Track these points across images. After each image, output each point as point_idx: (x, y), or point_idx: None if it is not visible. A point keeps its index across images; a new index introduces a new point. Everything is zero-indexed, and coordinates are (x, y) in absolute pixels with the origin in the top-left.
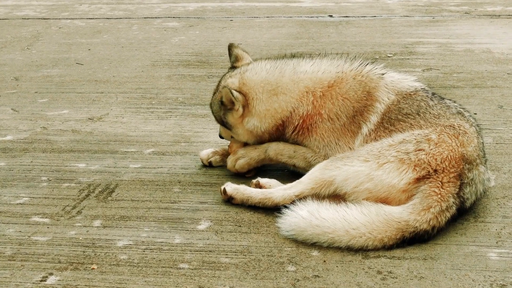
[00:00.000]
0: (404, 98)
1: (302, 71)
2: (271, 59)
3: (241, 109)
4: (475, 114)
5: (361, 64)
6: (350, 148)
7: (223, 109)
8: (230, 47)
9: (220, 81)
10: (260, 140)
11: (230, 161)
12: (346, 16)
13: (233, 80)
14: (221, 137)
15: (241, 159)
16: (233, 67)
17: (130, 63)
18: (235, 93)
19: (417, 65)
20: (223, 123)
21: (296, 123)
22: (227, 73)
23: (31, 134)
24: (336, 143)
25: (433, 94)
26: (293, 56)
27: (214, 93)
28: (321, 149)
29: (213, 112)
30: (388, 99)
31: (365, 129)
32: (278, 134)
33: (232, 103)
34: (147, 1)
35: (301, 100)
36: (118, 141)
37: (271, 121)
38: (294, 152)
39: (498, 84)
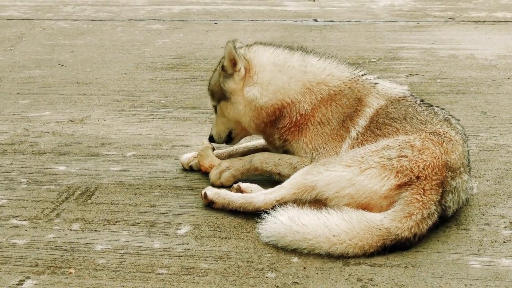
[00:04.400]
0: (393, 103)
1: (309, 61)
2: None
3: (243, 70)
4: (459, 120)
5: (358, 73)
6: (336, 153)
7: (223, 75)
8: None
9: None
10: (254, 126)
11: (213, 175)
12: (331, 21)
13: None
14: (212, 140)
15: (226, 171)
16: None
17: (113, 65)
18: (239, 51)
19: (401, 71)
20: (222, 93)
21: (294, 118)
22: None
23: (11, 135)
24: (323, 147)
25: (422, 101)
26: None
27: (210, 81)
28: (308, 153)
29: (210, 86)
30: (377, 104)
31: (353, 132)
32: (271, 124)
33: (234, 64)
34: (132, 3)
35: (304, 95)
36: (99, 144)
37: (272, 97)
38: (280, 159)
39: (482, 90)
